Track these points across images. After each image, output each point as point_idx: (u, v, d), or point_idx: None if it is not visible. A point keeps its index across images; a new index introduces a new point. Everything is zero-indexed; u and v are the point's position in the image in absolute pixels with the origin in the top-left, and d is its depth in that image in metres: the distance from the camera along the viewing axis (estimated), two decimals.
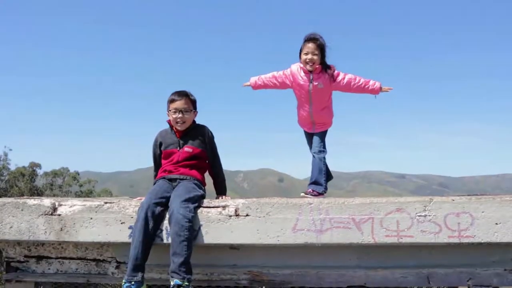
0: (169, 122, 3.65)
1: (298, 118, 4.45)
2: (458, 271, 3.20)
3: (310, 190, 4.06)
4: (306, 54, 4.12)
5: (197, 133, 3.64)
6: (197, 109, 3.69)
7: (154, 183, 3.52)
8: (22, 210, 3.35)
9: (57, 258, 3.55)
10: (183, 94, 3.62)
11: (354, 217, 3.05)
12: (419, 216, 3.06)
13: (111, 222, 3.23)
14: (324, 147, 4.25)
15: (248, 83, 4.49)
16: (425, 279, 3.23)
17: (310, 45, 4.11)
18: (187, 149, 3.55)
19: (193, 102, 3.67)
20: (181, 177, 3.43)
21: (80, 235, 3.26)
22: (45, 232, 3.31)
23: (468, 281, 3.16)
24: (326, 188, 4.10)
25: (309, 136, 4.39)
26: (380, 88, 4.20)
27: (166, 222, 3.17)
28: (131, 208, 3.26)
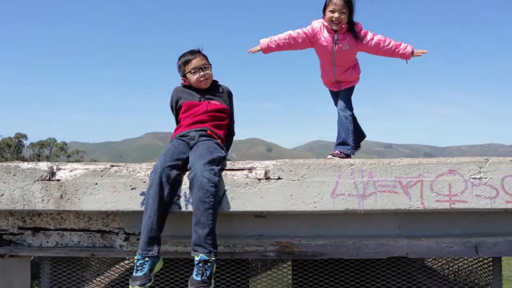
0: (185, 83, 3.28)
1: (322, 77, 4.03)
2: (509, 240, 2.87)
3: (337, 151, 3.66)
4: (332, 11, 3.60)
5: (219, 91, 3.29)
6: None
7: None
8: (14, 175, 2.90)
9: (56, 229, 3.13)
10: (196, 51, 3.26)
11: (401, 179, 2.66)
12: (473, 178, 2.68)
13: (120, 188, 2.79)
14: (351, 104, 3.82)
15: (258, 48, 3.88)
16: (473, 248, 2.89)
17: (338, 2, 3.59)
18: (214, 102, 3.19)
19: (206, 57, 3.30)
20: (203, 129, 3.01)
21: (84, 203, 2.83)
22: (43, 200, 2.86)
23: None
24: (353, 149, 3.70)
25: (335, 95, 3.97)
26: (412, 52, 3.68)
27: (184, 187, 2.75)
28: (142, 172, 2.82)
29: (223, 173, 2.76)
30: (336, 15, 3.59)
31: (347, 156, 3.64)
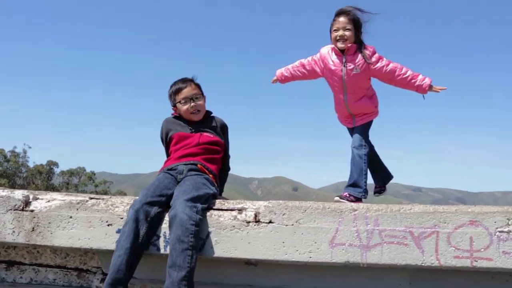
0: (176, 114, 3.06)
1: (336, 112, 3.68)
2: None
3: (346, 193, 3.27)
4: (337, 30, 3.36)
5: (212, 123, 3.03)
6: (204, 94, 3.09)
7: None
8: None
9: (31, 264, 2.87)
10: (188, 80, 3.04)
11: (412, 229, 2.28)
12: (500, 232, 2.27)
13: (95, 223, 2.52)
14: (367, 140, 3.44)
15: (275, 78, 3.79)
16: None
17: (341, 19, 3.37)
18: (207, 133, 2.93)
19: (200, 87, 3.07)
20: (194, 162, 2.73)
21: (56, 238, 2.56)
22: (13, 232, 2.62)
23: None
24: (366, 192, 3.30)
25: (351, 132, 3.60)
26: (430, 87, 3.34)
27: (165, 226, 2.45)
28: (121, 207, 2.55)
29: (208, 213, 2.45)
30: (340, 32, 3.35)
31: (358, 200, 3.26)
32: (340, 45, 3.36)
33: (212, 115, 3.08)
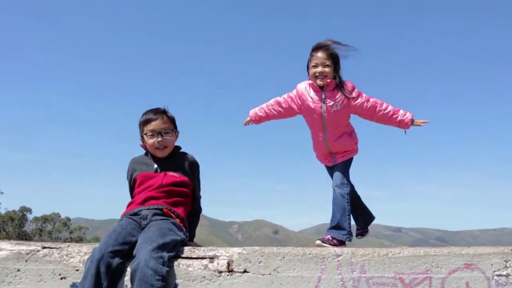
0: (144, 146, 2.76)
1: (314, 150, 3.48)
2: None
3: (328, 236, 3.02)
4: (315, 66, 3.22)
5: (180, 161, 2.73)
6: (178, 129, 2.82)
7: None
8: None
9: None
10: (160, 112, 2.76)
11: (402, 276, 2.06)
12: (498, 276, 2.07)
13: (47, 277, 2.21)
14: (348, 179, 3.23)
15: (248, 118, 3.57)
16: None
17: (320, 55, 3.22)
18: (172, 173, 2.63)
19: (173, 120, 2.80)
20: (159, 207, 2.47)
21: None
22: None
23: None
24: (350, 234, 3.06)
25: (331, 170, 3.38)
26: (412, 121, 3.22)
27: (127, 278, 2.16)
28: (78, 257, 2.25)
29: (176, 262, 2.17)
30: (319, 69, 3.19)
31: (342, 243, 3.01)
32: (319, 82, 3.21)
33: (181, 151, 2.82)
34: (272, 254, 2.12)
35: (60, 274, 2.21)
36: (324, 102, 3.21)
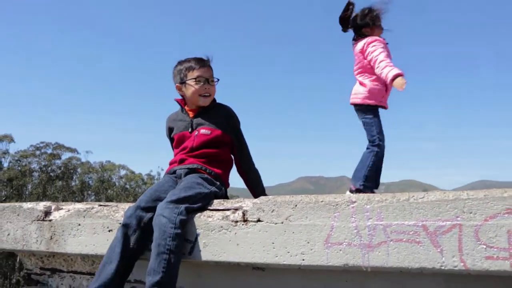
0: (179, 101, 2.81)
1: (382, 95, 3.54)
2: None
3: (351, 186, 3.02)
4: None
5: (216, 113, 2.72)
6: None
7: None
8: (18, 215, 2.84)
9: (68, 272, 2.97)
10: (205, 60, 2.73)
11: (426, 223, 1.82)
12: None
13: (98, 230, 2.50)
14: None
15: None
16: None
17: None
18: (203, 131, 2.63)
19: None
20: (191, 166, 2.56)
21: (68, 245, 2.60)
22: (37, 240, 2.73)
23: None
24: (364, 182, 2.98)
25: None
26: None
27: None
28: (120, 212, 2.49)
29: (199, 214, 2.25)
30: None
31: (357, 190, 2.85)
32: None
33: (219, 103, 2.78)
34: (284, 202, 2.06)
35: (108, 227, 2.48)
36: None
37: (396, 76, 3.15)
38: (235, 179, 2.89)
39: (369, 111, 3.30)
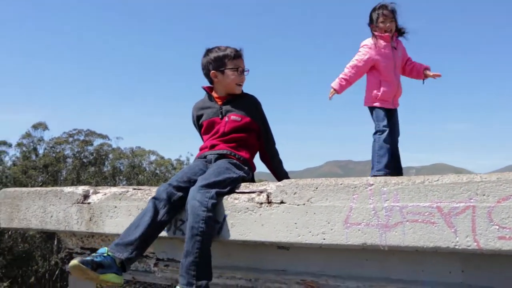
0: (206, 88, 2.96)
1: (381, 95, 3.96)
2: None
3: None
4: (384, 22, 3.92)
5: (244, 102, 2.87)
6: None
7: None
8: (60, 198, 3.07)
9: None
10: (240, 50, 2.86)
11: (440, 204, 1.91)
12: None
13: (134, 212, 2.70)
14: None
15: (332, 91, 3.97)
16: None
17: (386, 12, 3.94)
18: (234, 117, 2.78)
19: None
20: (221, 152, 2.71)
21: (106, 226, 2.82)
22: (77, 222, 2.96)
23: None
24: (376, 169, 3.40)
25: (388, 113, 4.02)
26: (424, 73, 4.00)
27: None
28: (153, 194, 2.68)
29: (226, 196, 2.41)
30: (388, 24, 3.90)
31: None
32: (389, 34, 3.93)
33: (245, 93, 2.93)
34: (305, 185, 2.18)
35: (142, 209, 2.65)
36: (395, 48, 3.96)
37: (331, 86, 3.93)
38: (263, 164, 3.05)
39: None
